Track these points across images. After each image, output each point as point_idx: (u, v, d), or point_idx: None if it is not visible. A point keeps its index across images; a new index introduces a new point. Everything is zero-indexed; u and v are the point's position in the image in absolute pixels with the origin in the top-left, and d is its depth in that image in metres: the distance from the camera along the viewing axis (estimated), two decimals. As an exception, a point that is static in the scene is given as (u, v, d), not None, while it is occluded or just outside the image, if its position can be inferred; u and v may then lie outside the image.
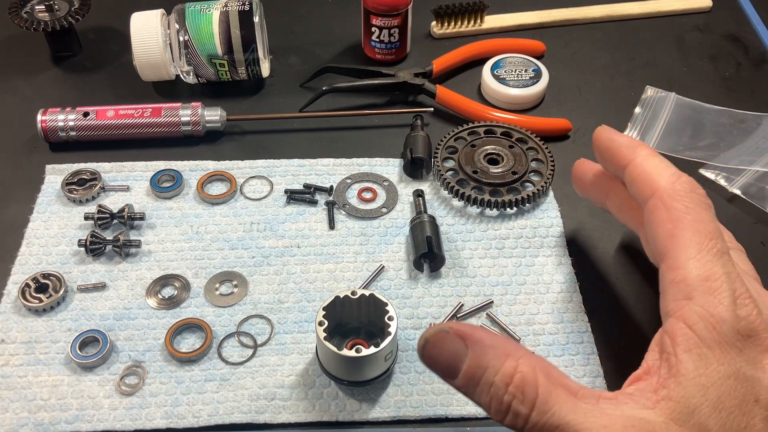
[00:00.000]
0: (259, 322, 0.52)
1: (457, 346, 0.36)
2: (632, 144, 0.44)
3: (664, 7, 0.79)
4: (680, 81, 0.71)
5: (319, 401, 0.48)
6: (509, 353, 0.35)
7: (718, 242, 0.38)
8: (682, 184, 0.40)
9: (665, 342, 0.36)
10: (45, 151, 0.64)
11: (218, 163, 0.62)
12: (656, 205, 0.40)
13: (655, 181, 0.41)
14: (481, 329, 0.36)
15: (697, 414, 0.34)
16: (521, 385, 0.34)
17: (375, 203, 0.60)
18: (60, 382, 0.49)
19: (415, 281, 0.54)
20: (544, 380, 0.34)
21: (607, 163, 0.47)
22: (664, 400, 0.34)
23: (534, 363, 0.35)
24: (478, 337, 0.36)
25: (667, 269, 0.38)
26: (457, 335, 0.36)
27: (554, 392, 0.34)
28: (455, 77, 0.71)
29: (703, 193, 0.41)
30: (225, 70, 0.66)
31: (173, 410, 0.47)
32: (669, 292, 0.38)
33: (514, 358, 0.35)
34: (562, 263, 0.55)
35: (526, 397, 0.34)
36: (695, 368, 0.34)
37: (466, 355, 0.35)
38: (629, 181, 0.43)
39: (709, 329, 0.35)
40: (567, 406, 0.34)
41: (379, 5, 0.67)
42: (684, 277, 0.37)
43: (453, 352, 0.36)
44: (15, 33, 0.73)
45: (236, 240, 0.57)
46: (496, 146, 0.62)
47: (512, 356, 0.35)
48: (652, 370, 0.36)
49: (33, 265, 0.55)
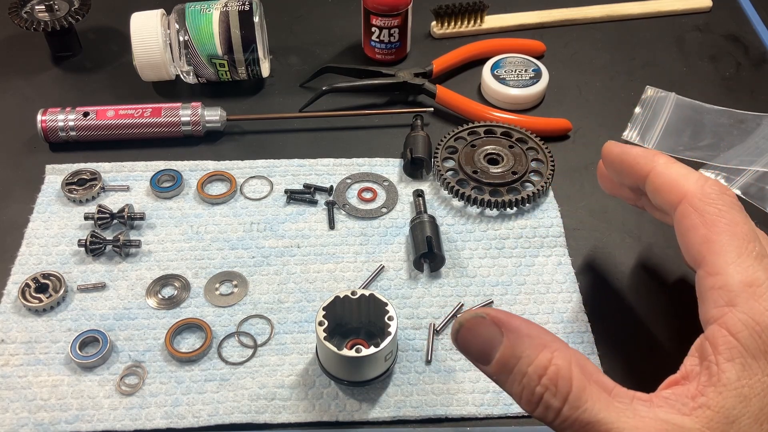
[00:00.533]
0: (259, 322, 0.52)
1: (492, 332, 0.35)
2: (648, 154, 0.44)
3: (664, 7, 0.79)
4: (680, 81, 0.71)
5: (319, 401, 0.48)
6: (545, 344, 0.34)
7: (756, 245, 0.37)
8: (711, 186, 0.40)
9: (706, 349, 0.35)
10: (45, 151, 0.64)
11: (218, 163, 0.62)
12: (687, 210, 0.39)
13: (682, 186, 0.40)
14: (518, 318, 0.35)
15: (736, 425, 0.33)
16: (555, 377, 0.33)
17: (375, 203, 0.60)
18: (60, 382, 0.49)
19: (415, 281, 0.54)
20: (579, 375, 0.33)
21: (624, 176, 0.46)
22: (701, 408, 0.33)
23: (570, 356, 0.34)
24: (515, 325, 0.35)
25: (705, 275, 0.37)
26: (493, 322, 0.35)
27: (588, 388, 0.33)
28: (455, 77, 0.71)
29: (733, 195, 0.40)
30: (225, 70, 0.66)
31: (173, 410, 0.47)
32: (709, 298, 0.36)
33: (550, 349, 0.34)
34: (562, 263, 0.55)
35: (559, 390, 0.33)
36: (738, 378, 0.33)
37: (501, 343, 0.35)
38: (653, 191, 0.42)
39: (755, 337, 0.34)
40: (600, 404, 0.33)
41: (379, 5, 0.67)
42: (725, 283, 0.36)
43: (488, 338, 0.35)
44: (15, 33, 0.73)
45: (236, 240, 0.57)
46: (496, 146, 0.62)
47: (548, 348, 0.34)
48: (691, 375, 0.35)
49: (33, 265, 0.55)
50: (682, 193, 0.40)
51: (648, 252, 0.57)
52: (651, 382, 0.49)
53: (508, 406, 0.48)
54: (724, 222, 0.38)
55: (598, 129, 0.66)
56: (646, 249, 0.57)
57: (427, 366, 0.50)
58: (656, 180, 0.42)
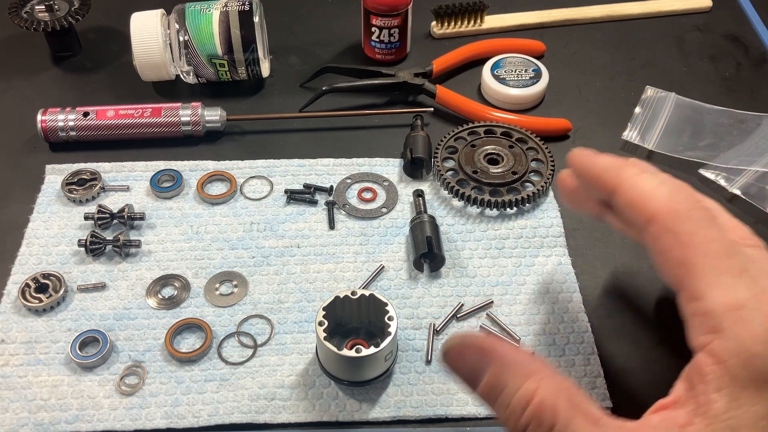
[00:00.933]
0: (259, 322, 0.52)
1: (477, 360, 0.35)
2: (614, 165, 0.40)
3: (664, 7, 0.79)
4: (680, 81, 0.71)
5: (319, 401, 0.48)
6: (531, 373, 0.34)
7: (736, 259, 0.35)
8: (681, 203, 0.37)
9: (694, 377, 0.34)
10: (45, 151, 0.64)
11: (218, 163, 0.62)
12: (659, 231, 0.37)
13: (652, 203, 0.37)
14: (506, 344, 0.35)
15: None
16: (539, 410, 0.33)
17: (375, 203, 0.60)
18: (60, 382, 0.49)
19: (415, 281, 0.54)
20: (565, 406, 0.33)
21: (592, 190, 0.43)
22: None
23: (556, 386, 0.34)
24: (501, 352, 0.35)
25: (687, 300, 0.36)
26: (481, 347, 0.35)
27: (574, 420, 0.33)
28: (455, 77, 0.71)
29: (704, 206, 0.37)
30: (225, 70, 0.66)
31: (173, 410, 0.47)
32: (694, 325, 0.35)
33: (536, 379, 0.34)
34: (562, 263, 0.55)
35: (543, 422, 0.33)
36: (726, 410, 0.32)
37: (487, 370, 0.35)
38: (621, 208, 0.39)
39: (742, 366, 0.32)
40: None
41: (379, 5, 0.67)
42: (708, 308, 0.34)
43: (474, 365, 0.35)
44: (15, 33, 0.73)
45: (236, 240, 0.57)
46: (496, 146, 0.62)
47: (534, 377, 0.34)
48: (680, 401, 0.34)
49: (33, 265, 0.55)
50: (651, 212, 0.37)
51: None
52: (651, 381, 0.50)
53: (508, 406, 0.48)
54: (698, 240, 0.35)
55: (598, 129, 0.66)
56: (646, 249, 0.57)
57: (427, 366, 0.50)
58: (623, 197, 0.39)
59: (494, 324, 0.52)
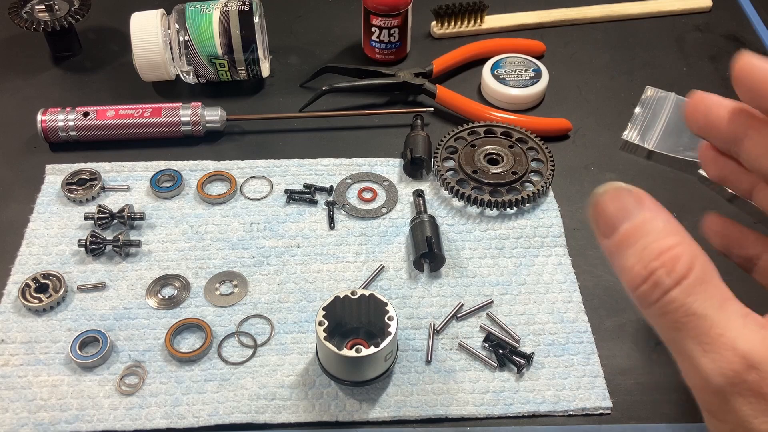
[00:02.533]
0: (259, 322, 0.52)
1: (630, 203, 0.33)
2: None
3: (664, 7, 0.79)
4: (680, 81, 0.71)
5: (319, 401, 0.48)
6: (677, 231, 0.32)
7: None
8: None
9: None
10: (45, 151, 0.64)
11: (218, 163, 0.62)
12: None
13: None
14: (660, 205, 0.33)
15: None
16: (675, 259, 0.31)
17: (375, 203, 0.60)
18: (60, 382, 0.49)
19: (415, 281, 0.54)
20: (701, 270, 0.31)
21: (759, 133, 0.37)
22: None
23: (697, 253, 0.32)
24: (656, 207, 0.33)
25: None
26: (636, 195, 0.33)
27: (707, 284, 0.31)
28: (455, 77, 0.71)
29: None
30: (225, 70, 0.66)
31: (173, 410, 0.47)
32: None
33: (680, 237, 0.32)
34: (562, 263, 0.55)
35: (675, 271, 0.31)
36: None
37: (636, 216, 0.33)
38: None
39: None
40: (714, 302, 0.31)
41: (379, 5, 0.67)
42: None
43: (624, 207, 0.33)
44: (15, 33, 0.73)
45: (236, 240, 0.57)
46: (496, 146, 0.62)
47: (679, 235, 0.32)
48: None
49: (33, 265, 0.55)
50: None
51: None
52: (651, 381, 0.50)
53: (508, 406, 0.48)
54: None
55: (598, 129, 0.66)
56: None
57: (427, 366, 0.50)
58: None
59: (494, 324, 0.52)
